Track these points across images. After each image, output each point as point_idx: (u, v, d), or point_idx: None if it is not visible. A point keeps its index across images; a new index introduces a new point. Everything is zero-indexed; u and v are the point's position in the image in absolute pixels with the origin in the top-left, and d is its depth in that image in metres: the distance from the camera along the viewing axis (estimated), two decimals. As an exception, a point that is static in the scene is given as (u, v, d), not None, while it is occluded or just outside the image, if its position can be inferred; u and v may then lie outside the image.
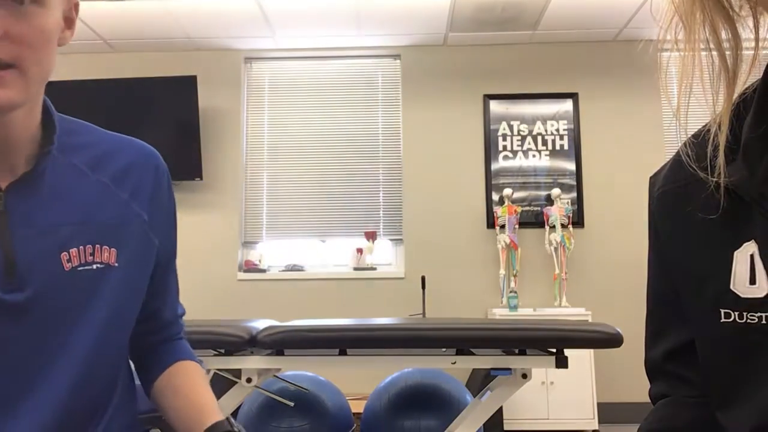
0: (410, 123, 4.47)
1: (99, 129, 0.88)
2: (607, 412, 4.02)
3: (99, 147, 0.85)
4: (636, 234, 4.28)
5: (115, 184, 0.84)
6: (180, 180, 4.29)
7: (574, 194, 4.35)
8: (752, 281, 0.53)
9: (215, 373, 2.35)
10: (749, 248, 0.54)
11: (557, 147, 4.41)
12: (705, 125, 0.59)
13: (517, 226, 4.22)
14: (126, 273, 0.83)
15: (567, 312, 3.92)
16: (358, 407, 2.87)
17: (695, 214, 0.58)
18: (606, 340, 1.93)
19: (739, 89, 0.54)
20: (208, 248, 4.34)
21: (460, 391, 2.56)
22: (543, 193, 4.36)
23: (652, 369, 0.68)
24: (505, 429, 3.69)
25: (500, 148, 4.42)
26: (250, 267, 4.35)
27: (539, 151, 4.41)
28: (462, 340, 1.99)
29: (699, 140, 0.60)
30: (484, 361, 2.08)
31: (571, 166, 4.38)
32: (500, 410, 3.63)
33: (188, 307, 4.41)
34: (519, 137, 4.42)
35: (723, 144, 0.54)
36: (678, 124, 0.57)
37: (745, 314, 0.53)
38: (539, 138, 4.42)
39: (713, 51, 0.53)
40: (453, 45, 4.50)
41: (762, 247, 0.53)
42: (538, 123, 4.43)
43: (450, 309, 4.26)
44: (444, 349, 2.11)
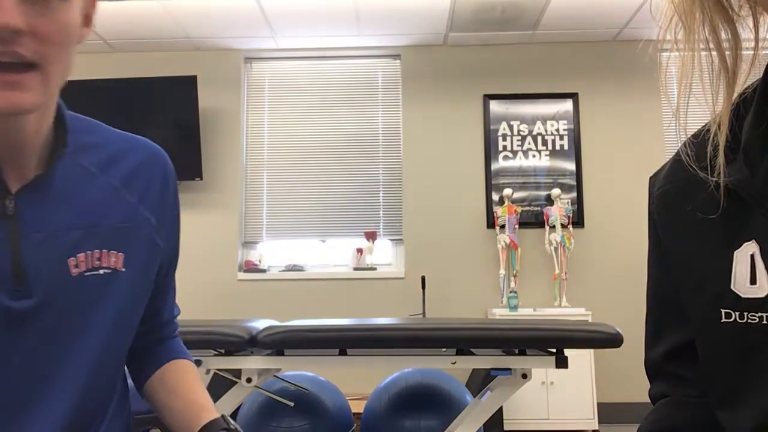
0: (410, 123, 4.47)
1: (107, 127, 0.86)
2: (607, 412, 4.02)
3: (109, 147, 0.83)
4: (636, 234, 4.28)
5: (125, 187, 0.82)
6: (180, 180, 4.29)
7: (574, 194, 4.34)
8: (753, 281, 0.53)
9: (215, 373, 2.34)
10: (749, 248, 0.53)
11: (557, 147, 4.41)
12: (705, 125, 0.59)
13: (517, 226, 4.22)
14: (132, 278, 0.82)
15: (567, 312, 3.92)
16: (358, 407, 2.87)
17: (695, 214, 0.58)
18: (606, 340, 1.93)
19: (739, 89, 0.54)
20: (208, 248, 4.34)
21: (460, 391, 2.55)
22: (543, 193, 4.36)
23: (652, 369, 0.68)
24: (505, 429, 3.69)
25: (500, 148, 4.42)
26: (250, 267, 4.35)
27: (539, 151, 4.41)
28: (462, 340, 1.99)
29: (699, 140, 0.60)
30: (484, 361, 2.08)
31: (571, 166, 4.38)
32: (500, 410, 3.62)
33: (188, 308, 4.42)
34: (519, 137, 4.42)
35: (723, 144, 0.54)
36: (677, 124, 0.57)
37: (746, 314, 0.53)
38: (539, 138, 4.42)
39: (713, 51, 0.53)
40: (453, 45, 4.50)
41: (763, 247, 0.53)
42: (538, 123, 4.43)
43: (450, 309, 4.26)
44: (444, 349, 2.11)
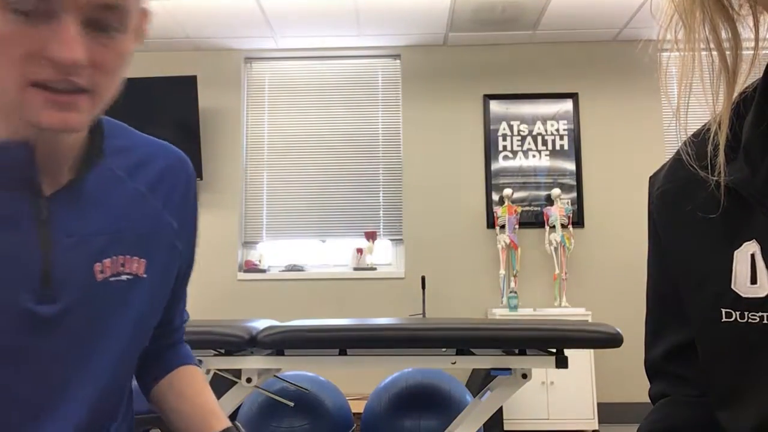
0: (410, 123, 4.47)
1: (134, 131, 0.87)
2: (607, 412, 4.02)
3: (136, 152, 0.84)
4: (636, 234, 4.28)
5: (150, 191, 0.83)
6: (180, 180, 4.28)
7: (574, 194, 4.34)
8: (753, 281, 0.53)
9: (215, 373, 2.35)
10: (750, 248, 0.53)
11: (557, 147, 4.41)
12: (705, 124, 0.59)
13: (517, 226, 4.22)
14: (152, 284, 0.82)
15: (567, 312, 3.92)
16: (358, 407, 2.87)
17: (695, 214, 0.58)
18: (606, 340, 1.93)
19: (740, 88, 0.54)
20: (208, 248, 4.34)
21: (460, 391, 2.55)
22: (543, 193, 4.36)
23: (652, 368, 0.68)
24: (505, 429, 3.69)
25: (500, 148, 4.42)
26: (250, 267, 4.35)
27: (539, 151, 4.41)
28: (462, 340, 1.99)
29: (699, 139, 0.60)
30: (484, 361, 2.08)
31: (571, 166, 4.38)
32: (500, 410, 3.62)
33: (188, 307, 4.39)
34: (519, 137, 4.42)
35: (723, 143, 0.54)
36: (678, 124, 0.56)
37: (746, 314, 0.53)
38: (539, 138, 4.42)
39: (713, 50, 0.53)
40: (453, 45, 4.50)
41: (764, 247, 0.52)
42: (538, 123, 4.43)
43: (450, 309, 4.26)
44: (444, 349, 2.11)
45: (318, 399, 2.53)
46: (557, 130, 4.42)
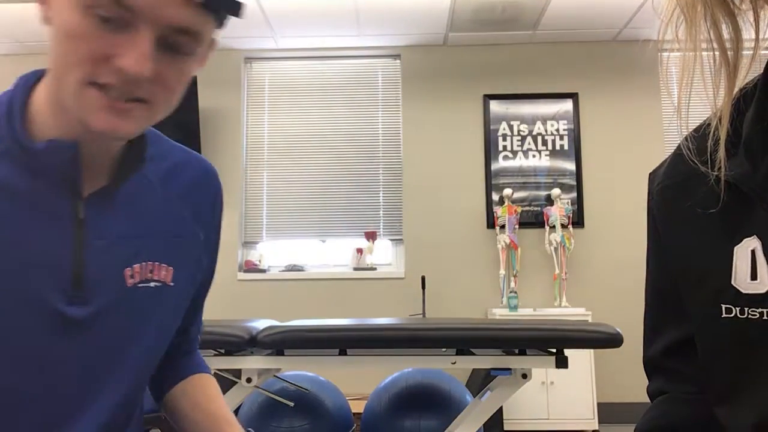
0: (410, 123, 4.47)
1: (166, 138, 0.87)
2: (607, 412, 4.02)
3: (169, 160, 0.84)
4: (636, 234, 4.28)
5: (181, 201, 0.84)
6: (180, 180, 4.29)
7: (574, 194, 4.34)
8: (753, 277, 0.53)
9: (215, 373, 2.34)
10: (750, 244, 0.53)
11: (557, 147, 4.41)
12: (706, 119, 0.59)
13: (517, 226, 4.22)
14: (177, 292, 0.83)
15: (567, 312, 3.91)
16: (358, 407, 2.87)
17: (695, 210, 0.58)
18: (606, 340, 1.93)
19: (740, 83, 0.54)
20: (208, 248, 4.34)
21: (460, 391, 2.55)
22: (543, 193, 4.36)
23: (651, 365, 0.67)
24: (505, 429, 3.69)
25: (500, 148, 4.42)
26: (250, 267, 4.35)
27: (539, 151, 4.41)
28: (462, 340, 1.99)
29: (700, 134, 0.60)
30: (484, 361, 2.08)
31: (571, 166, 4.38)
32: (500, 410, 3.62)
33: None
34: (519, 137, 4.42)
35: (724, 137, 0.54)
36: (679, 119, 0.56)
37: (746, 310, 0.53)
38: (539, 138, 4.42)
39: (714, 45, 0.53)
40: (453, 45, 4.50)
41: (764, 243, 0.52)
42: (538, 123, 4.43)
43: (450, 309, 4.26)
44: (444, 349, 2.11)
45: (318, 399, 2.53)
46: (557, 130, 4.42)
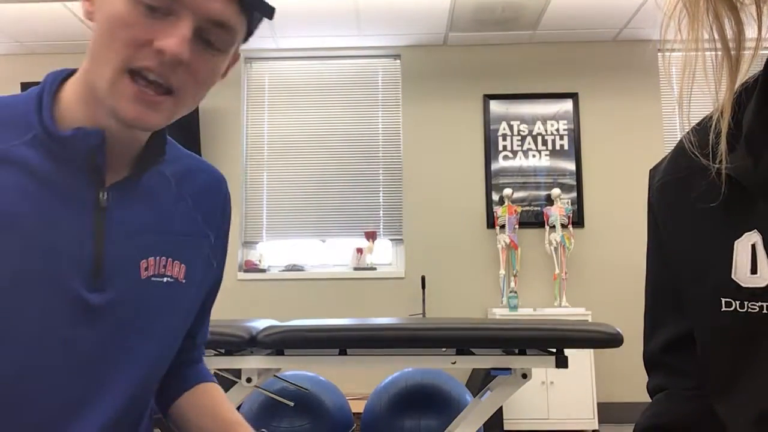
0: (410, 123, 4.47)
1: (178, 144, 0.90)
2: (607, 412, 4.02)
3: (182, 162, 0.87)
4: (636, 234, 4.28)
5: (193, 202, 0.86)
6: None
7: (574, 194, 4.34)
8: (753, 271, 0.53)
9: (215, 373, 2.35)
10: (751, 238, 0.53)
11: (557, 147, 4.41)
12: (708, 114, 0.59)
13: (517, 226, 4.22)
14: (189, 291, 0.84)
15: (567, 312, 3.92)
16: (358, 407, 2.87)
17: (696, 204, 0.58)
18: (606, 340, 1.93)
19: (742, 78, 0.54)
20: (208, 248, 4.34)
21: (460, 391, 2.56)
22: (543, 193, 4.36)
23: (651, 361, 0.67)
24: (505, 429, 3.69)
25: (500, 148, 4.42)
26: (250, 267, 4.35)
27: (539, 151, 4.41)
28: (462, 340, 1.99)
29: (702, 128, 0.60)
30: (484, 361, 2.08)
31: (571, 166, 4.38)
32: (500, 410, 3.63)
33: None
34: (519, 137, 4.42)
35: (725, 130, 0.54)
36: (680, 112, 0.57)
37: (746, 303, 0.53)
38: (539, 138, 4.42)
39: (716, 39, 0.53)
40: (453, 45, 4.50)
41: (765, 237, 0.52)
42: (538, 123, 4.43)
43: (450, 309, 4.26)
44: (444, 349, 2.11)
45: (318, 399, 2.53)
46: (557, 130, 4.42)
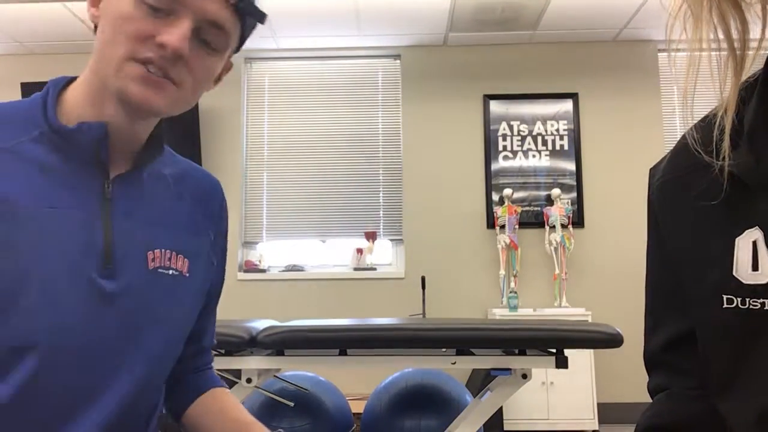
0: (410, 123, 4.47)
1: (174, 152, 0.94)
2: (607, 412, 4.02)
3: (179, 166, 0.92)
4: (636, 234, 4.28)
5: (192, 202, 0.90)
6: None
7: (574, 194, 4.34)
8: (755, 268, 0.53)
9: (215, 373, 2.34)
10: (752, 235, 0.53)
11: (557, 147, 4.41)
12: (712, 110, 0.59)
13: (517, 226, 4.22)
14: (193, 285, 0.87)
15: (567, 312, 3.91)
16: (358, 407, 2.87)
17: (697, 202, 0.58)
18: (606, 340, 1.93)
19: (747, 75, 0.54)
20: (208, 248, 4.34)
21: (460, 391, 2.56)
22: (543, 193, 4.36)
23: (651, 360, 0.67)
24: (505, 429, 3.69)
25: (500, 148, 4.42)
26: (250, 267, 4.35)
27: (539, 152, 4.41)
28: (462, 341, 1.99)
29: (705, 124, 0.60)
30: (484, 362, 2.08)
31: (571, 166, 4.38)
32: (500, 410, 3.63)
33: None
34: (519, 137, 4.42)
35: (729, 128, 0.54)
36: (684, 109, 0.57)
37: (747, 300, 0.53)
38: (539, 138, 4.42)
39: (721, 37, 0.53)
40: (453, 45, 4.50)
41: (767, 234, 0.53)
42: (538, 123, 4.43)
43: (450, 309, 4.26)
44: (444, 349, 2.11)
45: (318, 399, 2.53)
46: (557, 130, 4.41)
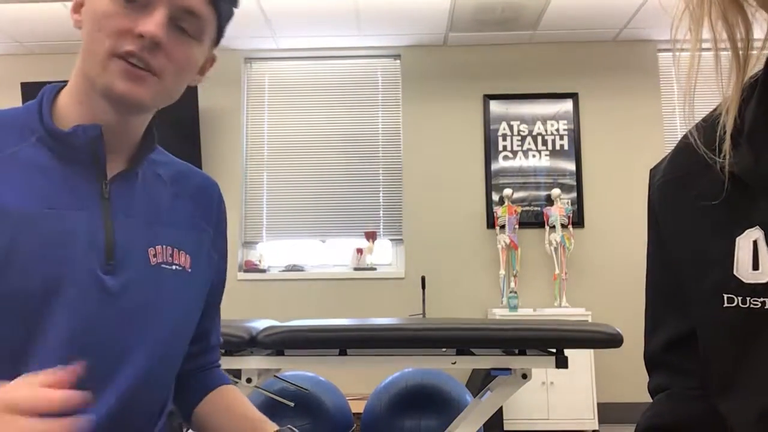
0: (410, 123, 4.47)
1: (169, 154, 0.97)
2: (607, 412, 4.02)
3: (174, 166, 0.94)
4: (636, 234, 4.28)
5: (189, 200, 0.92)
6: (180, 180, 4.28)
7: (574, 194, 4.34)
8: (755, 267, 0.53)
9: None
10: (753, 234, 0.54)
11: (557, 147, 4.40)
12: (714, 109, 0.59)
13: (517, 226, 4.22)
14: (196, 280, 0.89)
15: (567, 312, 3.91)
16: (358, 407, 2.87)
17: (697, 201, 0.59)
18: (606, 340, 1.93)
19: (749, 74, 0.55)
20: (208, 248, 4.34)
21: (460, 391, 2.56)
22: (543, 193, 4.36)
23: (651, 360, 0.67)
24: (505, 429, 3.69)
25: (500, 148, 4.42)
26: (250, 267, 4.35)
27: (539, 151, 4.41)
28: (462, 340, 1.99)
29: (708, 124, 0.60)
30: (484, 361, 2.08)
31: (571, 166, 4.38)
32: (500, 410, 3.62)
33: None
34: (519, 137, 4.42)
35: (730, 127, 0.55)
36: (685, 109, 0.57)
37: (748, 299, 0.53)
38: (539, 138, 4.42)
39: (723, 37, 0.53)
40: (453, 45, 4.50)
41: None
42: (538, 123, 4.43)
43: (450, 309, 4.26)
44: (444, 349, 2.11)
45: (318, 399, 2.53)
46: (557, 130, 4.41)
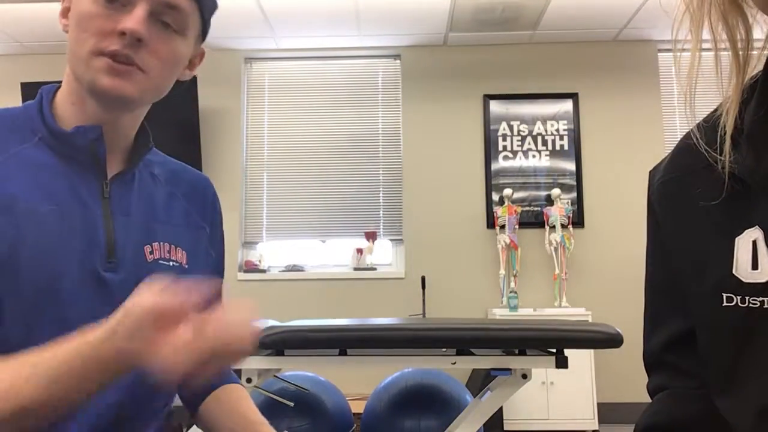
0: (410, 123, 4.47)
1: (164, 154, 0.99)
2: (607, 412, 4.02)
3: (168, 166, 0.96)
4: (636, 234, 4.28)
5: (185, 198, 0.94)
6: (180, 180, 4.28)
7: (574, 194, 4.34)
8: (754, 266, 0.53)
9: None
10: (752, 234, 0.54)
11: (557, 147, 4.41)
12: (715, 110, 0.59)
13: (517, 226, 4.22)
14: (193, 277, 0.89)
15: (567, 312, 3.91)
16: (358, 407, 2.87)
17: (697, 201, 0.59)
18: (606, 340, 1.93)
19: (749, 75, 0.55)
20: (208, 248, 4.34)
21: (460, 391, 2.56)
22: (543, 193, 4.36)
23: (651, 360, 0.67)
24: (505, 429, 3.69)
25: (500, 149, 4.42)
26: (250, 267, 4.35)
27: (539, 152, 4.41)
28: (462, 340, 1.99)
29: (710, 125, 0.60)
30: (484, 362, 2.08)
31: (571, 166, 4.38)
32: (500, 410, 3.63)
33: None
34: (519, 137, 4.42)
35: (730, 128, 0.55)
36: (686, 109, 0.57)
37: (747, 298, 0.54)
38: (539, 138, 4.42)
39: (723, 38, 0.54)
40: (453, 45, 4.50)
41: (767, 233, 0.53)
42: (538, 123, 4.43)
43: (450, 309, 4.26)
44: (444, 349, 2.11)
45: (318, 399, 2.53)
46: (557, 130, 4.41)
